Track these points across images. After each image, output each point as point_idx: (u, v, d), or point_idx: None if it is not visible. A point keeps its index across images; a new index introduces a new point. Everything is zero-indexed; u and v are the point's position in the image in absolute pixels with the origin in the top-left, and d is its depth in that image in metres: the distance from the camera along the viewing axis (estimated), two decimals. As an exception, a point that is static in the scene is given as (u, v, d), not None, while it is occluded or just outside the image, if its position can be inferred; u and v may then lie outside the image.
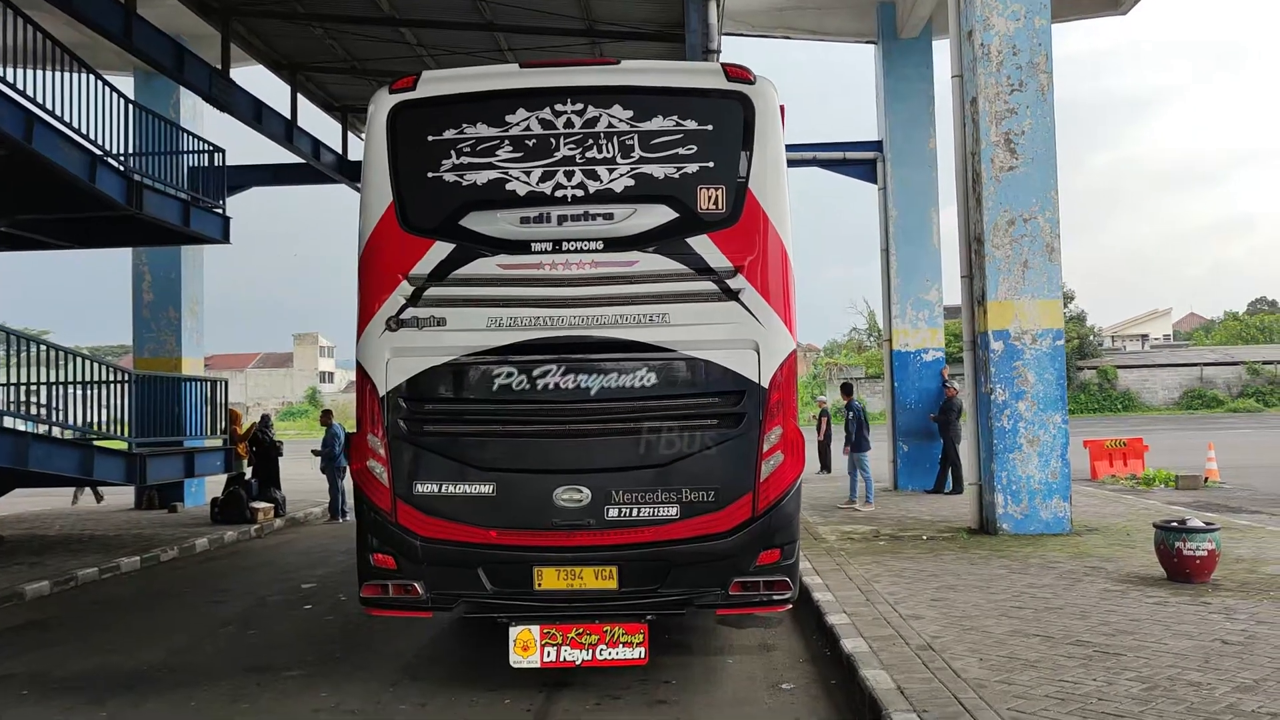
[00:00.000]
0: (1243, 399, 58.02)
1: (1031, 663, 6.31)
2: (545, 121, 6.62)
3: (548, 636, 6.43)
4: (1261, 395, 58.20)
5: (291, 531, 16.56)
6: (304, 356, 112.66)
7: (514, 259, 6.52)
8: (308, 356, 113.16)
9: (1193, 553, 8.80)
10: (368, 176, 6.82)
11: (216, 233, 15.41)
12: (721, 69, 6.77)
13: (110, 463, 12.82)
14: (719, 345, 6.46)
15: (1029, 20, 12.46)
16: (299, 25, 15.25)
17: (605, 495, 6.36)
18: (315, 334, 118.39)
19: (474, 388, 6.52)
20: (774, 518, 6.43)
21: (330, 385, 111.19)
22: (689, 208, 6.53)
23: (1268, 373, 60.05)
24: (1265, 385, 59.30)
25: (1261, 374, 59.98)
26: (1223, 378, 60.03)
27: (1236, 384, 60.02)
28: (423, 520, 6.48)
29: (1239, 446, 27.87)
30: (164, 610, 10.12)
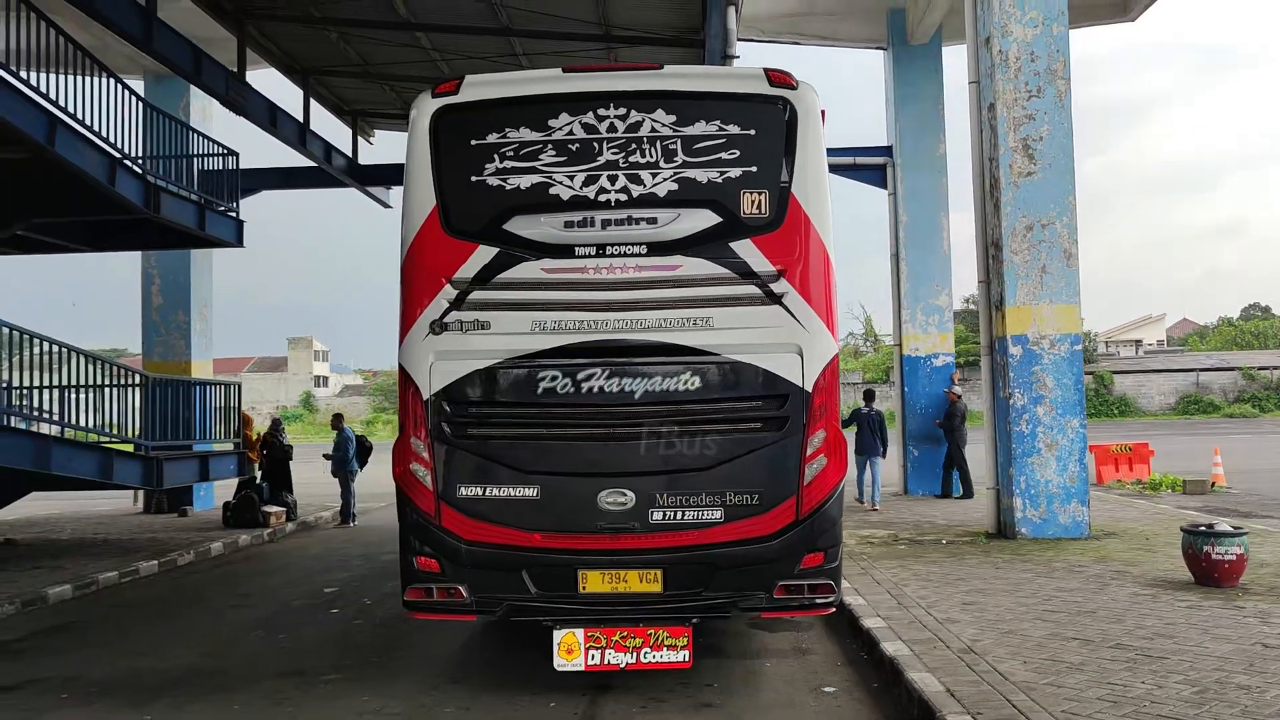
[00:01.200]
0: (1239, 404, 58.23)
1: (1076, 665, 6.34)
2: (588, 126, 6.64)
3: (592, 640, 6.45)
4: (1258, 400, 58.41)
5: (304, 535, 16.53)
6: (298, 360, 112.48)
7: (558, 263, 6.54)
8: (302, 360, 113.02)
9: (1221, 556, 8.84)
10: (410, 180, 6.84)
11: (230, 236, 15.41)
12: (764, 73, 6.78)
13: (129, 466, 12.79)
14: (762, 349, 6.49)
15: (1047, 27, 12.52)
16: (313, 29, 15.24)
17: (649, 498, 6.38)
18: (310, 338, 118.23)
19: (518, 391, 6.53)
20: (818, 521, 6.45)
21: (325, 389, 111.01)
22: (732, 212, 6.56)
23: (1263, 378, 60.28)
24: (1261, 391, 59.53)
25: (1257, 379, 60.19)
26: (1219, 383, 60.24)
27: (1232, 389, 60.23)
28: (467, 523, 6.49)
29: (1238, 451, 27.91)
30: (188, 614, 10.10)
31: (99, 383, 13.07)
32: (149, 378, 13.80)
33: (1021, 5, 12.51)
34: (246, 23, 14.61)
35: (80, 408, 12.72)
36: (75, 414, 12.54)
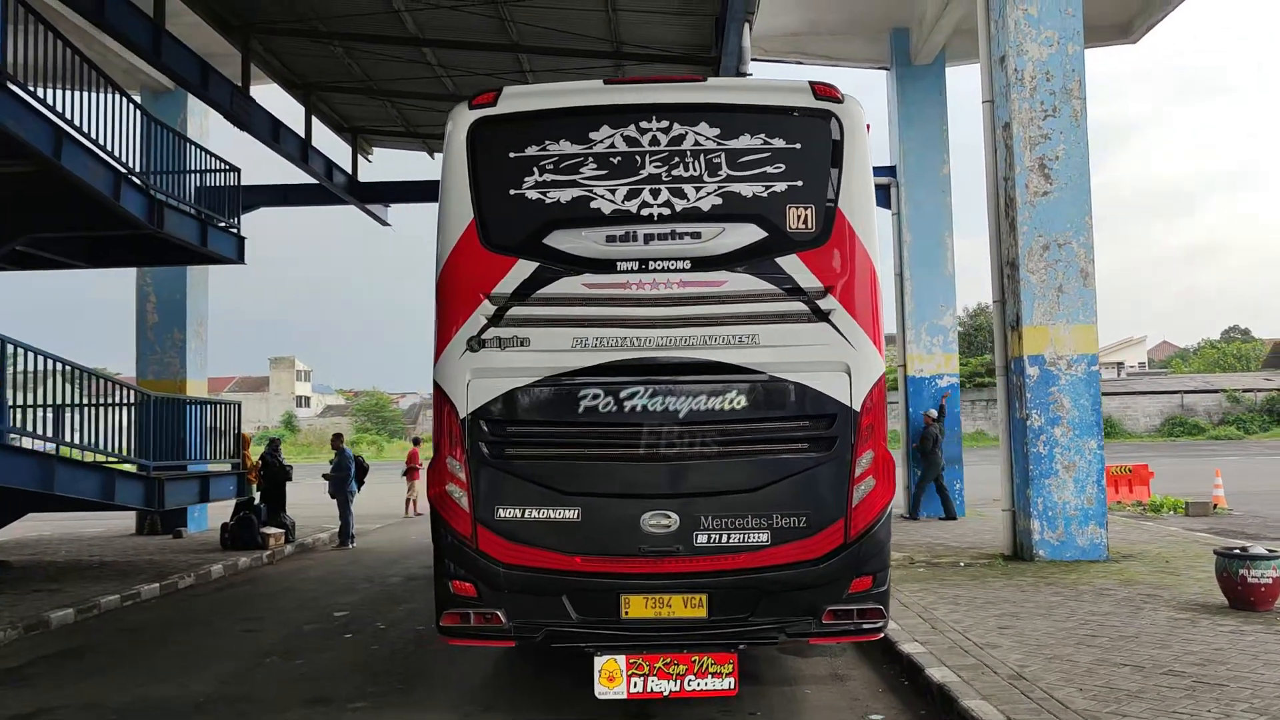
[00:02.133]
0: (1224, 426, 58.51)
1: (1134, 693, 6.19)
2: (630, 139, 6.49)
3: (634, 666, 6.23)
4: (1242, 423, 58.72)
5: (303, 558, 16.25)
6: (280, 381, 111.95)
7: (599, 278, 6.36)
8: (284, 381, 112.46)
9: (1258, 580, 8.72)
10: (447, 193, 6.65)
11: (231, 252, 15.19)
12: (809, 86, 6.66)
13: (130, 487, 12.51)
14: (810, 367, 6.33)
15: (1062, 46, 12.49)
16: (318, 44, 15.09)
17: (694, 521, 6.19)
18: (292, 358, 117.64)
19: (559, 409, 6.34)
20: (866, 544, 6.29)
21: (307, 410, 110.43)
22: (778, 227, 6.41)
23: (1248, 400, 60.66)
24: (1245, 413, 59.88)
25: (1241, 401, 60.58)
26: (1203, 405, 60.58)
27: (1217, 411, 60.58)
28: (505, 546, 6.28)
29: (1231, 473, 27.82)
30: (198, 638, 9.82)
31: (102, 401, 12.79)
32: (150, 396, 13.53)
33: (1037, 24, 12.48)
34: (252, 37, 14.42)
35: (81, 427, 12.42)
36: (76, 433, 12.25)
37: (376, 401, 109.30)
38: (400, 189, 19.90)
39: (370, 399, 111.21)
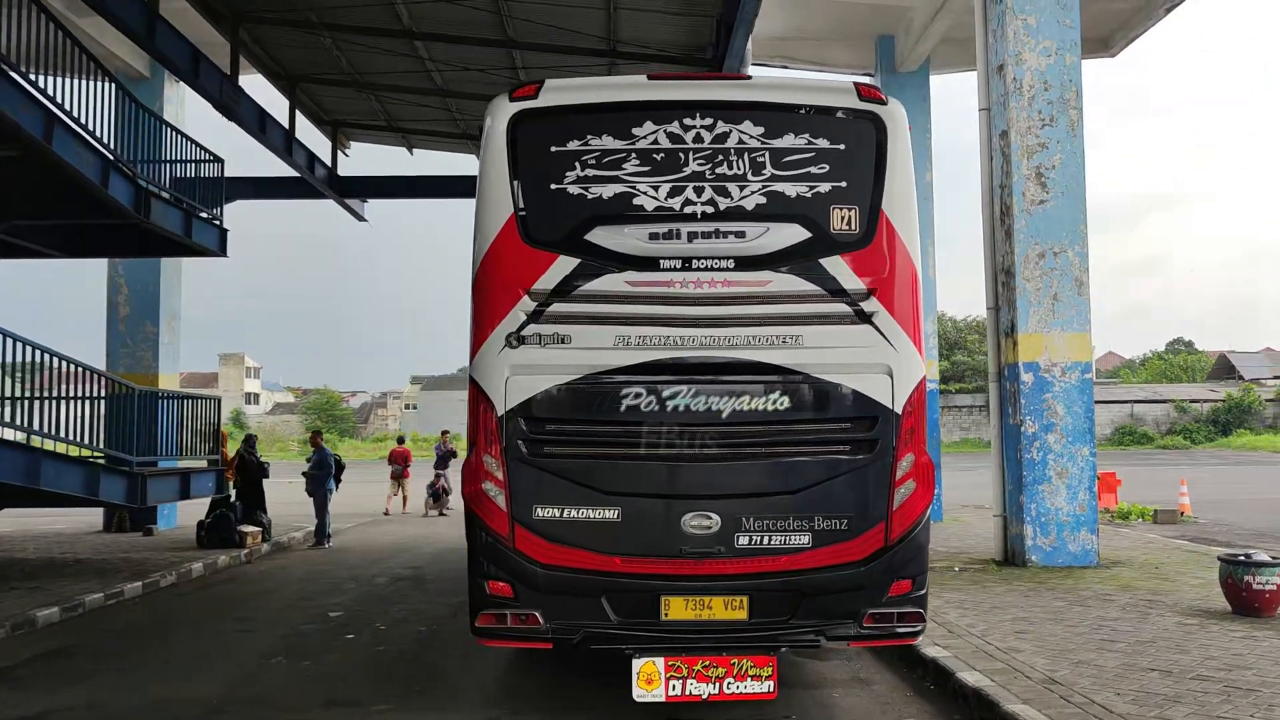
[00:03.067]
0: (1171, 436, 59.70)
1: (1172, 698, 6.22)
2: (674, 135, 6.41)
3: (672, 669, 6.15)
4: (1189, 432, 59.93)
5: (281, 557, 15.96)
6: (229, 377, 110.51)
7: (642, 275, 6.28)
8: (233, 377, 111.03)
9: (1263, 586, 8.84)
10: (485, 186, 6.54)
11: (214, 244, 14.89)
12: (854, 87, 6.64)
13: (114, 482, 12.19)
14: (853, 369, 6.30)
15: (1060, 56, 12.61)
16: (307, 34, 14.85)
17: (736, 522, 6.13)
18: (242, 354, 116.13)
19: (600, 408, 6.24)
20: (907, 547, 6.26)
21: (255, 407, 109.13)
22: (822, 228, 6.37)
23: (1194, 411, 61.90)
24: (1192, 423, 61.11)
25: (1189, 412, 61.80)
26: (1152, 415, 61.74)
27: (1165, 421, 61.79)
28: (543, 546, 6.18)
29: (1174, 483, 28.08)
30: (191, 638, 9.58)
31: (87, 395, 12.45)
32: (135, 390, 13.20)
33: (1036, 34, 12.60)
34: (241, 26, 14.15)
35: (64, 420, 12.07)
36: (60, 426, 11.90)
37: (327, 400, 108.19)
38: (380, 184, 19.69)
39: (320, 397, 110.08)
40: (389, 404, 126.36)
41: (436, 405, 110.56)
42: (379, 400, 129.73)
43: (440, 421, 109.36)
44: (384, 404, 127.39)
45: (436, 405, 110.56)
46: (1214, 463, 43.07)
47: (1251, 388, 63.01)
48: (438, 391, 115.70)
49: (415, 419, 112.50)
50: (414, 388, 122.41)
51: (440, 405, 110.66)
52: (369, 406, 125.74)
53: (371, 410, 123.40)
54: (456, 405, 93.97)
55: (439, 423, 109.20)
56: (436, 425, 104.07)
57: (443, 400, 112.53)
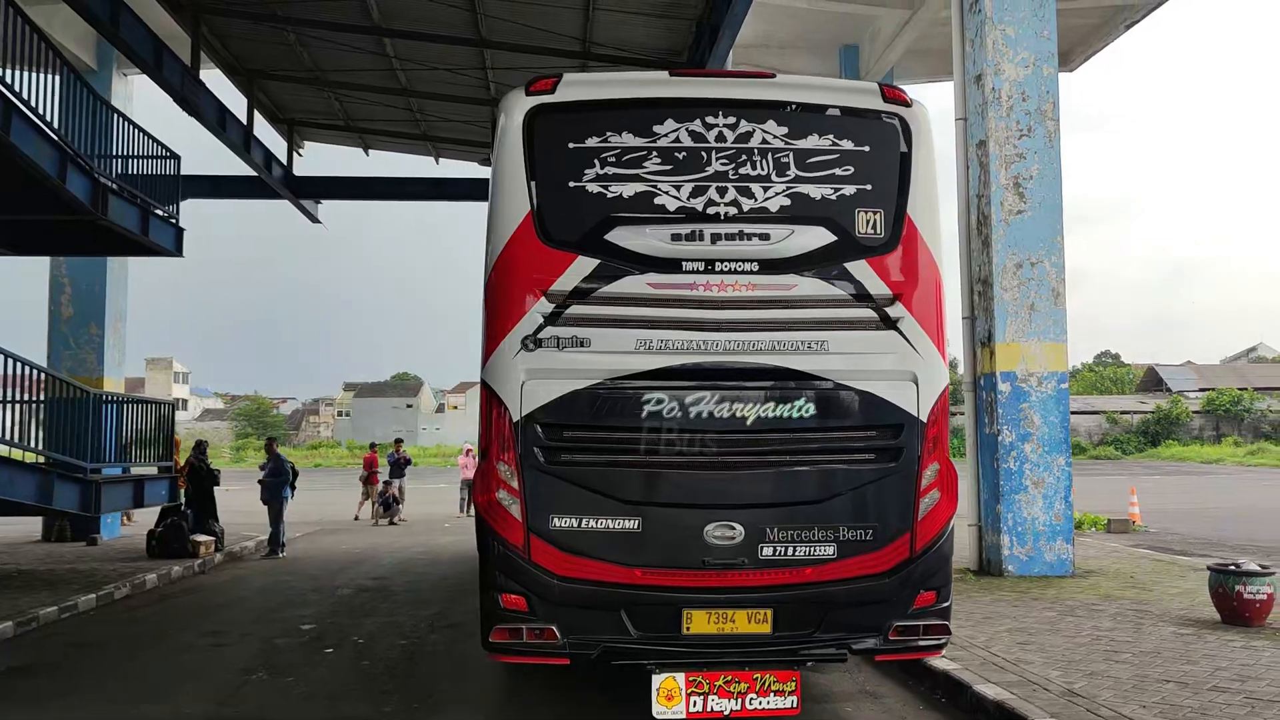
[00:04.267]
0: (1103, 446, 60.91)
1: (1198, 710, 6.17)
2: (696, 134, 6.22)
3: (694, 685, 5.94)
4: (1120, 443, 61.20)
5: (235, 567, 15.44)
6: (156, 382, 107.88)
7: (664, 278, 6.07)
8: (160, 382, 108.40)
9: (1253, 596, 8.89)
10: (501, 183, 6.28)
11: (169, 244, 14.35)
12: (879, 89, 6.50)
13: (68, 490, 11.63)
14: (878, 376, 6.15)
15: (1037, 68, 12.68)
16: (271, 29, 14.42)
17: (759, 533, 5.95)
18: (170, 358, 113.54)
19: (620, 414, 6.02)
20: (932, 558, 6.13)
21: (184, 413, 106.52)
22: (847, 231, 6.22)
23: (1125, 422, 63.27)
24: (1123, 434, 62.44)
25: (1119, 423, 63.14)
26: (1085, 426, 62.89)
27: (1097, 432, 63.04)
28: (559, 558, 5.93)
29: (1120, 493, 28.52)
30: (162, 653, 9.13)
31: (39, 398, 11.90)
32: (90, 394, 12.64)
33: (1014, 45, 12.65)
34: (202, 19, 13.68)
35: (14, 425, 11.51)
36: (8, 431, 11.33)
37: (257, 406, 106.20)
38: (336, 184, 19.22)
39: (251, 404, 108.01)
40: (321, 410, 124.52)
41: (370, 413, 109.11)
42: (310, 407, 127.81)
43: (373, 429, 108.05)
44: (316, 410, 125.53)
45: (370, 413, 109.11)
46: (1147, 473, 43.95)
47: (1179, 399, 64.58)
48: (371, 399, 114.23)
49: (348, 426, 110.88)
50: (347, 395, 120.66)
51: (373, 413, 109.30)
52: (300, 413, 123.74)
53: (303, 417, 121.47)
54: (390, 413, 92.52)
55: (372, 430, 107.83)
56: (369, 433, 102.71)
57: (376, 408, 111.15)
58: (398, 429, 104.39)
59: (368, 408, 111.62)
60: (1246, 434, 61.37)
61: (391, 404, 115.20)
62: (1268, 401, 63.14)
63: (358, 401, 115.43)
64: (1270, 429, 61.18)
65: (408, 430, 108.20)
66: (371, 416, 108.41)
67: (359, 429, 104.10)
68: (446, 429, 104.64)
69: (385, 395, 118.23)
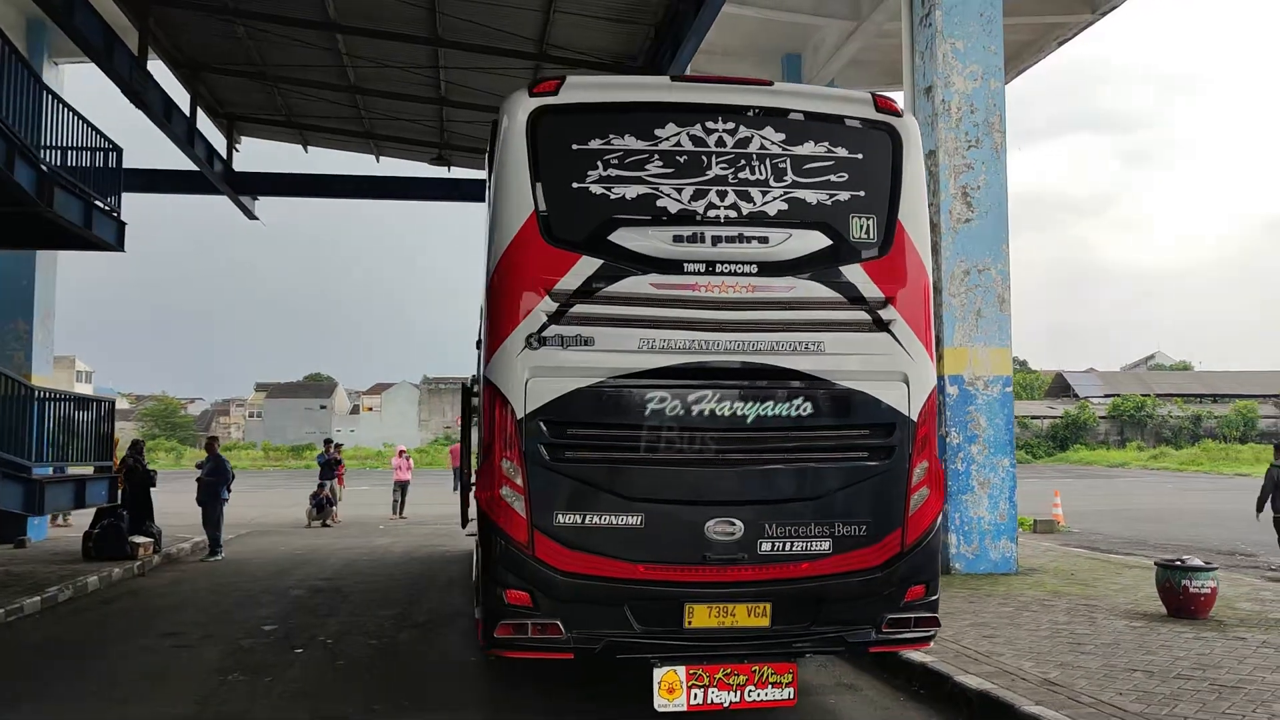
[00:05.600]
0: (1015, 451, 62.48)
1: (1171, 697, 6.47)
2: (696, 138, 6.36)
3: (694, 678, 6.07)
4: (1030, 447, 62.98)
5: (174, 569, 15.11)
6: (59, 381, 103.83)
7: (667, 278, 6.19)
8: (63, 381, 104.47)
9: (1199, 590, 9.31)
10: (503, 183, 6.34)
11: (111, 238, 13.99)
12: (872, 99, 6.72)
13: (10, 489, 11.27)
14: (872, 376, 6.36)
15: (985, 82, 13.10)
16: (220, 21, 14.17)
17: (758, 528, 6.11)
18: (72, 357, 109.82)
19: (623, 412, 6.13)
20: (921, 553, 6.37)
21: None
22: (842, 236, 6.42)
23: (1035, 427, 65.10)
24: (1033, 438, 64.25)
25: (1030, 428, 64.95)
26: (996, 430, 64.39)
27: (1008, 436, 64.60)
28: (563, 554, 6.01)
29: (1037, 495, 29.23)
30: (125, 655, 8.91)
31: None
32: (33, 390, 12.27)
33: (963, 58, 13.04)
34: (151, 9, 13.40)
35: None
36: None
37: (165, 406, 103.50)
38: (277, 181, 18.92)
39: (158, 404, 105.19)
40: (232, 411, 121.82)
41: (282, 414, 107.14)
42: (220, 407, 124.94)
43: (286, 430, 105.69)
44: (226, 411, 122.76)
45: (282, 414, 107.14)
46: (1058, 476, 45.41)
47: (1086, 405, 66.68)
48: (284, 399, 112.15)
49: (260, 427, 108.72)
50: (259, 395, 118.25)
51: (286, 414, 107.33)
52: (210, 414, 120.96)
53: (213, 418, 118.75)
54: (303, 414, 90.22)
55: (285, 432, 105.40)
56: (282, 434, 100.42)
57: (289, 409, 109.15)
58: (311, 430, 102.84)
59: (280, 409, 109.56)
60: (1149, 439, 63.67)
61: (305, 405, 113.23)
62: (1169, 408, 65.53)
63: (270, 402, 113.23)
64: (1171, 434, 63.53)
65: (321, 432, 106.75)
66: (284, 418, 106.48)
67: (271, 430, 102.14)
68: (361, 431, 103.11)
69: (298, 396, 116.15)
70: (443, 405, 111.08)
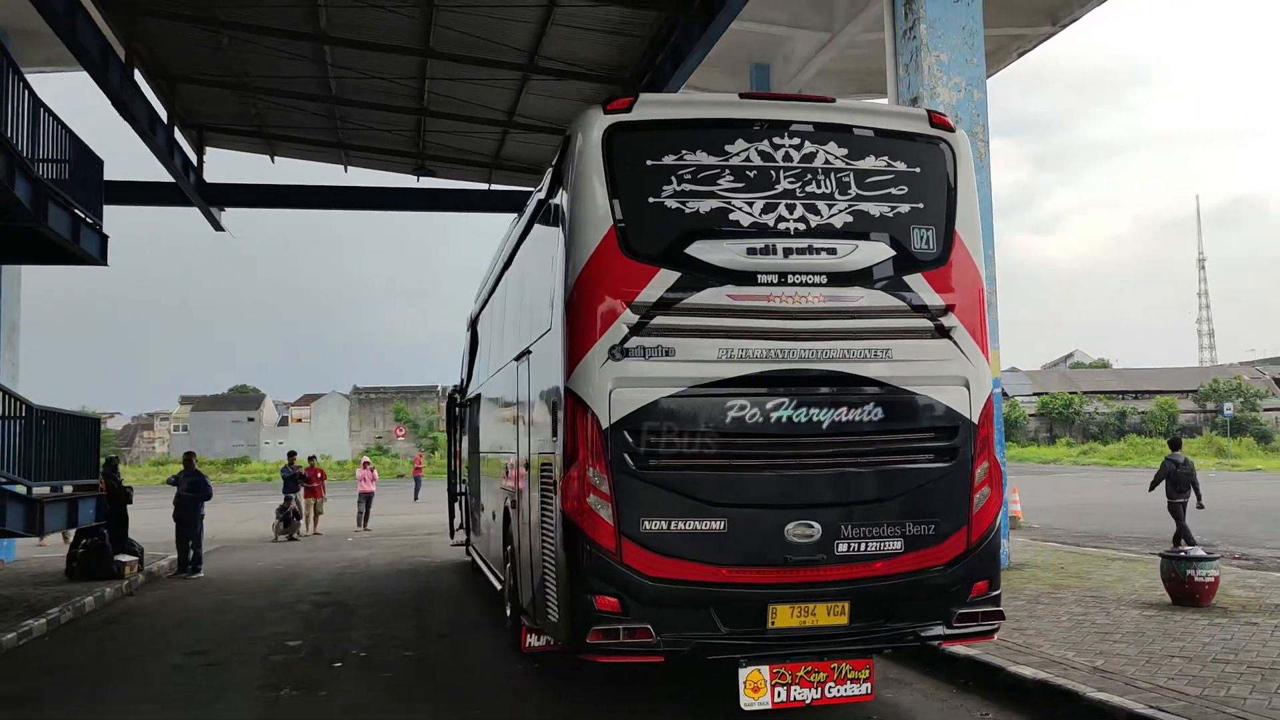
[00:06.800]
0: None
1: (1220, 679, 6.83)
2: (765, 154, 6.58)
3: (777, 676, 6.29)
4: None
5: (160, 587, 14.88)
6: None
7: (742, 290, 6.40)
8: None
9: (1203, 579, 9.77)
10: (579, 198, 6.49)
11: (95, 252, 13.75)
12: (927, 115, 7.02)
13: (14, 510, 11.03)
14: (936, 381, 6.63)
15: (969, 92, 13.51)
16: (202, 33, 14.03)
17: (835, 530, 6.34)
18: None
19: (705, 420, 6.32)
20: (985, 550, 6.66)
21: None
22: (904, 246, 6.68)
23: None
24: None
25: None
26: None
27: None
28: (651, 559, 6.18)
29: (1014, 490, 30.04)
30: (158, 675, 8.82)
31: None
32: (33, 407, 12.01)
33: (947, 70, 13.43)
34: (138, 20, 13.23)
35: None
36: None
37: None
38: (248, 192, 18.69)
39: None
40: (156, 425, 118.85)
41: (209, 426, 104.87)
42: (144, 421, 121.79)
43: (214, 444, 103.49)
44: (150, 425, 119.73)
45: (209, 426, 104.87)
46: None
47: (1016, 403, 68.30)
48: (210, 412, 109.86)
49: (185, 441, 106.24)
50: (184, 408, 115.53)
51: (213, 426, 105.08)
52: (133, 428, 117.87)
53: (136, 432, 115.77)
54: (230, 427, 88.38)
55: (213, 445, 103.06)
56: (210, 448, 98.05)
57: (215, 421, 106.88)
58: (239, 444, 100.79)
59: (207, 421, 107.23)
60: (1077, 435, 65.45)
61: (232, 418, 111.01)
62: (1095, 404, 67.45)
63: (195, 415, 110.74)
64: (1098, 430, 65.40)
65: (250, 444, 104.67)
66: (211, 430, 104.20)
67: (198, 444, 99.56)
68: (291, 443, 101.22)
69: (225, 409, 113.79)
70: (374, 415, 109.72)
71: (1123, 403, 70.58)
